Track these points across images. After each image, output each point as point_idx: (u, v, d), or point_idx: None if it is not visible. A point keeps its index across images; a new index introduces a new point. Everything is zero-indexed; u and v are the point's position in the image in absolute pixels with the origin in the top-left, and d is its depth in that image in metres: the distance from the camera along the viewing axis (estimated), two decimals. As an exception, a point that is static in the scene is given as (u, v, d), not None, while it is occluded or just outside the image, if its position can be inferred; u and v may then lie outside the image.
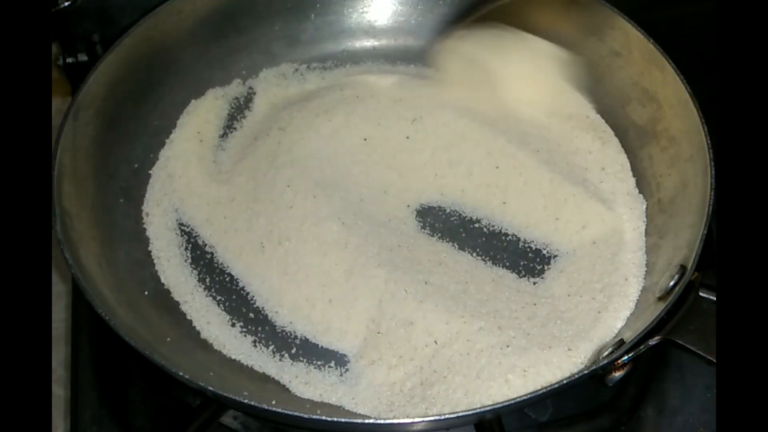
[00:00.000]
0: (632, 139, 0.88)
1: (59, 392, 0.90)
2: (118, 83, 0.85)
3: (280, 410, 0.67)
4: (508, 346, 0.73)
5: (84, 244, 0.76)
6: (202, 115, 0.90)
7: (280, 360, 0.77)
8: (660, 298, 0.74)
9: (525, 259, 0.83)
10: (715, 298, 0.70)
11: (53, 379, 0.90)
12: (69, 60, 0.94)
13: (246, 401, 0.66)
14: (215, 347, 0.77)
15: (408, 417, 0.70)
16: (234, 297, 0.81)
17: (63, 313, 0.91)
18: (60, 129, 0.78)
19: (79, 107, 0.80)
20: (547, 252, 0.83)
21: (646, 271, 0.79)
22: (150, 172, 0.86)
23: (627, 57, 0.88)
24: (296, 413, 0.67)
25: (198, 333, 0.78)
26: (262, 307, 0.80)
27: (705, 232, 0.73)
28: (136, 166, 0.86)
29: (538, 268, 0.82)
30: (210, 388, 0.66)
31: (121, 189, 0.84)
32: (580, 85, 0.90)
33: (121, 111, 0.85)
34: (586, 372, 0.68)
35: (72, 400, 0.79)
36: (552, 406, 0.78)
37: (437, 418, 0.66)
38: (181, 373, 0.66)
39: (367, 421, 0.68)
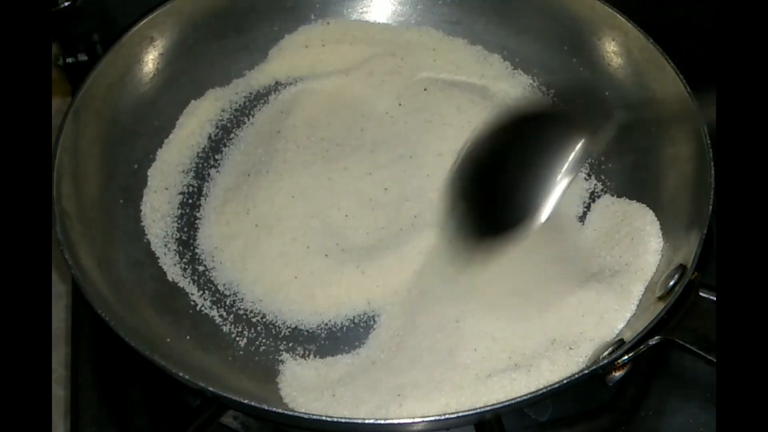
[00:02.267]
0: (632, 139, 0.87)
1: (59, 392, 0.90)
2: (118, 83, 0.85)
3: (280, 411, 0.67)
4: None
5: (84, 245, 0.76)
6: (201, 116, 0.90)
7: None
8: (660, 298, 0.74)
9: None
10: (715, 298, 0.71)
11: (53, 379, 0.90)
12: (69, 60, 0.94)
13: (246, 401, 0.66)
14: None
15: (409, 417, 0.69)
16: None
17: (63, 313, 0.91)
18: (59, 129, 0.78)
19: (79, 107, 0.80)
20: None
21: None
22: (148, 173, 0.86)
23: (627, 57, 0.88)
24: (296, 413, 0.67)
25: (197, 333, 0.78)
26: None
27: (705, 232, 0.73)
28: (135, 166, 0.86)
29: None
30: (210, 388, 0.66)
31: (121, 189, 0.84)
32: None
33: (120, 111, 0.85)
34: (586, 372, 0.68)
35: (72, 400, 0.78)
36: (552, 406, 0.78)
37: (437, 418, 0.66)
38: (181, 374, 0.66)
39: (367, 421, 0.68)
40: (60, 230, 0.73)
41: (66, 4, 0.89)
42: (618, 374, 0.71)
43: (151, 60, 0.88)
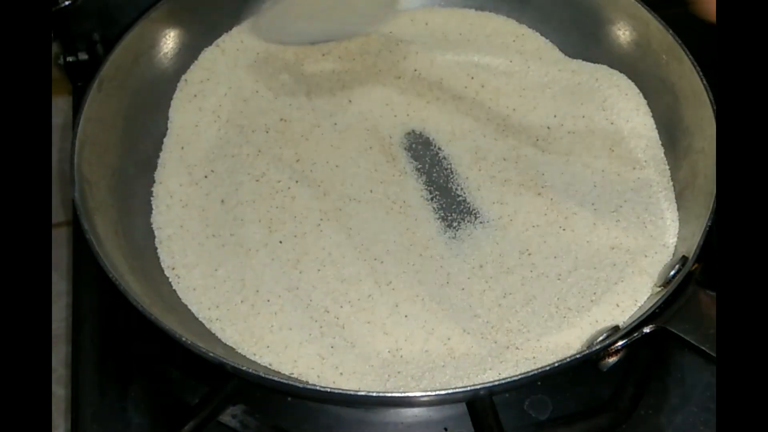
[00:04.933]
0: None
1: (60, 391, 0.91)
2: (143, 56, 0.88)
3: (300, 386, 0.68)
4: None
5: (101, 212, 0.78)
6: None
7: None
8: (659, 288, 0.76)
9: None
10: (713, 291, 0.71)
11: (53, 379, 0.91)
12: (69, 59, 0.95)
13: (263, 375, 0.67)
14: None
15: (405, 391, 0.71)
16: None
17: (63, 312, 0.93)
18: (84, 99, 0.80)
19: (104, 79, 0.83)
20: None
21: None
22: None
23: (645, 47, 0.89)
24: (312, 386, 0.69)
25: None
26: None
27: (709, 224, 0.74)
28: (158, 139, 0.88)
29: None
30: (225, 360, 0.67)
31: (143, 160, 0.86)
32: None
33: (146, 83, 0.88)
34: (578, 356, 0.69)
35: (72, 399, 0.80)
36: (552, 404, 0.79)
37: (430, 393, 0.68)
38: (189, 342, 0.68)
39: (371, 394, 0.70)
40: (78, 196, 0.75)
41: (66, 3, 0.91)
42: (612, 360, 0.71)
43: (178, 33, 0.90)
